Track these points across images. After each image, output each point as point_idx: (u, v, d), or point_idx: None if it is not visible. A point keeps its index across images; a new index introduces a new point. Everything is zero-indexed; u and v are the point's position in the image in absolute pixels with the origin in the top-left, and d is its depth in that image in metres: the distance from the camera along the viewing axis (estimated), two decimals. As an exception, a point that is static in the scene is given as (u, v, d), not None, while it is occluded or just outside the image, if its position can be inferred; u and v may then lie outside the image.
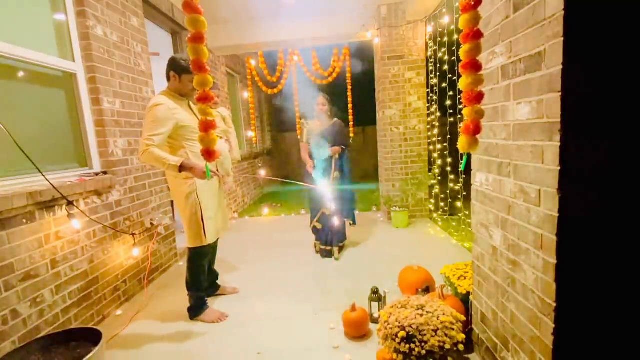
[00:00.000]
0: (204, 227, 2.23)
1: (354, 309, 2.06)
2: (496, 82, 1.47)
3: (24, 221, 1.87)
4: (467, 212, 3.50)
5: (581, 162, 1.09)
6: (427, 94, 4.44)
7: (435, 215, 4.50)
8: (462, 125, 1.31)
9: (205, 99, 1.52)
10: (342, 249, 3.54)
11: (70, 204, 2.11)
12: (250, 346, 2.05)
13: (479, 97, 1.26)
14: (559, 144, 1.09)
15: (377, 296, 2.18)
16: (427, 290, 2.16)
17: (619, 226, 1.12)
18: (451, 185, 4.02)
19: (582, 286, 1.14)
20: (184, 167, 2.02)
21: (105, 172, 2.56)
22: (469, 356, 1.82)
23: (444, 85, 3.89)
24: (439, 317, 1.62)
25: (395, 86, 4.46)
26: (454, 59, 3.54)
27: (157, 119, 2.04)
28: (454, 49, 3.52)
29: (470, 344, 1.84)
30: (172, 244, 3.45)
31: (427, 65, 4.38)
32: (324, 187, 3.16)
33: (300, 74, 6.34)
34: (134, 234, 2.77)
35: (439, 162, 4.26)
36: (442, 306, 1.71)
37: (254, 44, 5.04)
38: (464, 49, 1.26)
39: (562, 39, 1.05)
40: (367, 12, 4.46)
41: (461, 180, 3.54)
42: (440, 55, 3.95)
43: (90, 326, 2.03)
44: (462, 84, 1.29)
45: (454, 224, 4.04)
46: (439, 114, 4.25)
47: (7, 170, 1.96)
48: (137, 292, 2.83)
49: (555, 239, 1.13)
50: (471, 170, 1.77)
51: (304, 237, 3.93)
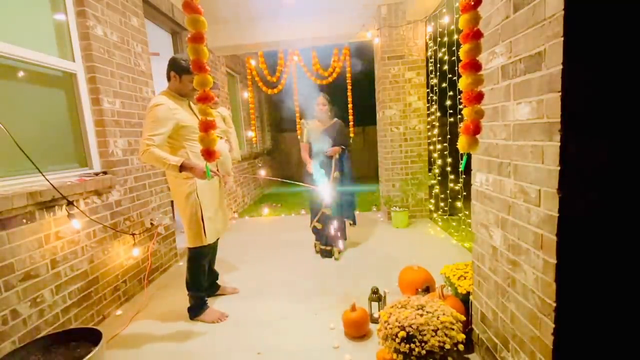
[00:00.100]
0: (204, 227, 2.23)
1: (354, 309, 2.06)
2: (496, 82, 1.47)
3: (24, 221, 1.87)
4: (467, 212, 3.50)
5: (581, 162, 1.09)
6: (427, 94, 4.44)
7: (435, 215, 4.50)
8: (462, 125, 1.31)
9: (205, 99, 1.53)
10: (342, 249, 3.54)
11: (70, 204, 2.11)
12: (250, 346, 2.05)
13: (479, 97, 1.26)
14: (559, 144, 1.09)
15: (377, 296, 2.18)
16: (427, 290, 2.16)
17: (619, 226, 1.12)
18: (451, 185, 4.02)
19: (582, 286, 1.15)
20: (184, 167, 2.02)
21: (105, 172, 2.56)
22: (469, 356, 1.82)
23: (444, 85, 3.89)
24: (439, 317, 1.62)
25: (395, 86, 4.46)
26: (454, 59, 3.54)
27: (158, 119, 2.04)
28: (454, 49, 3.52)
29: (470, 344, 1.84)
30: (172, 244, 3.45)
31: (427, 65, 4.38)
32: (324, 187, 3.16)
33: (300, 74, 6.33)
34: (134, 234, 2.77)
35: (439, 162, 4.26)
36: (442, 306, 1.71)
37: (254, 44, 5.04)
38: (464, 49, 1.26)
39: (562, 39, 1.05)
40: (367, 12, 4.46)
41: (461, 180, 3.54)
42: (440, 55, 3.95)
43: (90, 326, 2.03)
44: (462, 84, 1.29)
45: (454, 224, 4.04)
46: (439, 114, 4.25)
47: (7, 170, 1.96)
48: (137, 292, 2.83)
49: (555, 239, 1.13)
50: (471, 170, 1.77)
51: (304, 237, 3.93)
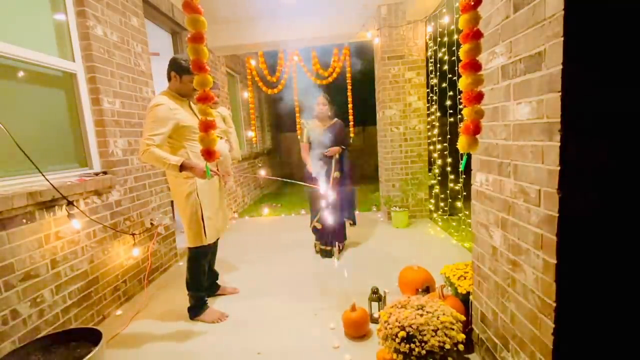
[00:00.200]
0: (204, 226, 2.24)
1: (354, 309, 2.06)
2: (496, 82, 1.47)
3: (24, 221, 1.87)
4: (467, 212, 3.50)
5: (581, 162, 1.09)
6: (427, 94, 4.44)
7: (435, 215, 4.50)
8: (462, 125, 1.31)
9: (205, 99, 1.53)
10: (342, 249, 3.54)
11: (70, 204, 2.11)
12: (250, 346, 2.05)
13: (479, 97, 1.26)
14: (559, 144, 1.09)
15: (377, 296, 2.18)
16: (427, 290, 2.16)
17: (619, 226, 1.12)
18: (451, 185, 4.02)
19: (582, 286, 1.15)
20: (184, 167, 2.02)
21: (105, 172, 2.56)
22: (469, 356, 1.82)
23: (444, 85, 3.89)
24: (439, 317, 1.62)
25: (395, 86, 4.46)
26: (454, 59, 3.54)
27: (158, 118, 2.04)
28: (454, 49, 3.52)
29: (470, 344, 1.84)
30: (172, 244, 3.45)
31: (427, 65, 4.38)
32: (324, 187, 3.17)
33: (300, 74, 6.33)
34: (134, 234, 2.77)
35: (439, 162, 4.26)
36: (442, 306, 1.71)
37: (254, 44, 5.04)
38: (464, 49, 1.26)
39: (562, 39, 1.05)
40: (367, 12, 4.46)
41: (461, 180, 3.54)
42: (440, 55, 3.95)
43: (90, 326, 2.03)
44: (462, 84, 1.29)
45: (454, 224, 4.04)
46: (439, 114, 4.25)
47: (7, 170, 1.96)
48: (137, 292, 2.83)
49: (555, 239, 1.13)
50: (471, 170, 1.77)
51: (304, 237, 3.93)
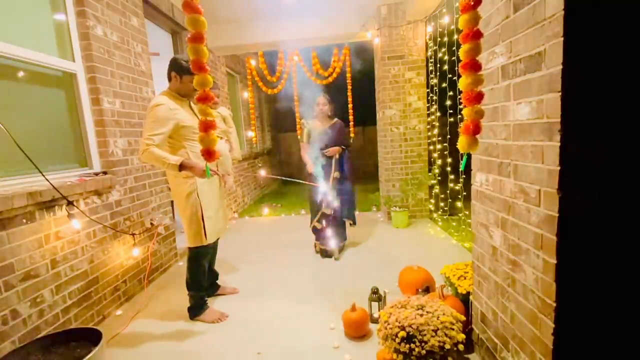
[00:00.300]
0: (204, 226, 2.24)
1: (354, 309, 2.06)
2: (496, 82, 1.47)
3: (24, 221, 1.87)
4: (467, 212, 3.50)
5: (581, 162, 1.09)
6: (427, 94, 4.44)
7: (435, 215, 4.50)
8: (462, 125, 1.31)
9: (205, 99, 1.53)
10: (342, 249, 3.54)
11: (70, 204, 2.11)
12: (250, 346, 2.05)
13: (478, 97, 1.27)
14: (559, 144, 1.09)
15: (377, 296, 2.18)
16: (427, 290, 2.16)
17: (619, 226, 1.12)
18: (451, 185, 4.02)
19: (582, 286, 1.15)
20: (183, 166, 2.02)
21: (105, 172, 2.56)
22: (469, 356, 1.82)
23: (444, 85, 3.89)
24: (439, 317, 1.62)
25: (395, 86, 4.46)
26: (454, 59, 3.54)
27: (158, 118, 2.05)
28: (454, 49, 3.52)
29: (470, 344, 1.84)
30: (172, 244, 3.45)
31: (427, 65, 4.38)
32: (324, 187, 3.17)
33: (300, 74, 6.33)
34: (134, 234, 2.77)
35: (439, 162, 4.26)
36: (442, 306, 1.71)
37: (254, 44, 5.04)
38: (464, 49, 1.26)
39: (562, 39, 1.05)
40: (367, 12, 4.46)
41: (461, 180, 3.54)
42: (440, 55, 3.95)
43: (90, 326, 2.03)
44: (462, 84, 1.29)
45: (454, 224, 4.04)
46: (439, 114, 4.26)
47: (7, 170, 1.96)
48: (137, 292, 2.83)
49: (555, 239, 1.13)
50: (471, 170, 1.77)
51: (304, 237, 3.93)
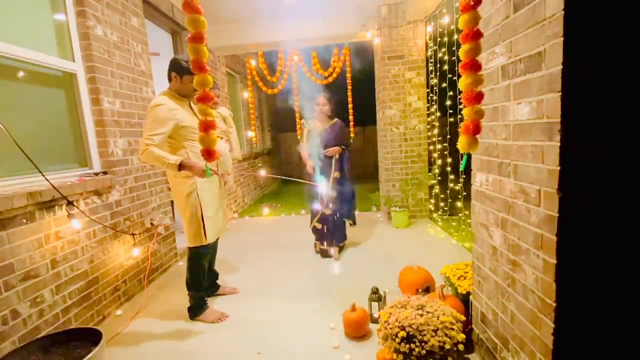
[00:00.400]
0: (204, 226, 2.24)
1: (354, 309, 2.06)
2: (496, 82, 1.47)
3: (24, 221, 1.87)
4: (467, 212, 3.50)
5: (581, 162, 1.09)
6: (427, 94, 4.44)
7: (435, 215, 4.49)
8: (462, 125, 1.31)
9: (205, 99, 1.53)
10: (342, 249, 3.54)
11: (70, 204, 2.11)
12: (250, 346, 2.05)
13: (478, 97, 1.26)
14: (559, 144, 1.09)
15: (377, 296, 2.18)
16: (427, 290, 2.16)
17: (619, 226, 1.12)
18: (451, 185, 4.02)
19: (582, 286, 1.15)
20: (183, 166, 2.02)
21: (105, 172, 2.56)
22: (469, 356, 1.82)
23: (444, 85, 3.89)
24: (439, 317, 1.62)
25: (395, 86, 4.46)
26: (454, 59, 3.54)
27: (158, 119, 2.05)
28: (454, 49, 3.52)
29: (470, 344, 1.84)
30: (172, 244, 3.45)
31: (427, 65, 4.38)
32: (324, 187, 3.17)
33: (300, 74, 6.33)
34: (134, 234, 2.77)
35: (439, 162, 4.26)
36: (442, 306, 1.71)
37: (254, 44, 5.04)
38: (464, 49, 1.26)
39: (562, 39, 1.05)
40: (367, 12, 4.46)
41: (461, 180, 3.54)
42: (440, 55, 3.95)
43: (90, 326, 2.03)
44: (462, 84, 1.29)
45: (454, 224, 4.04)
46: (439, 114, 4.25)
47: (7, 170, 1.96)
48: (137, 292, 2.83)
49: (555, 239, 1.13)
50: (471, 170, 1.77)
51: (304, 237, 3.93)
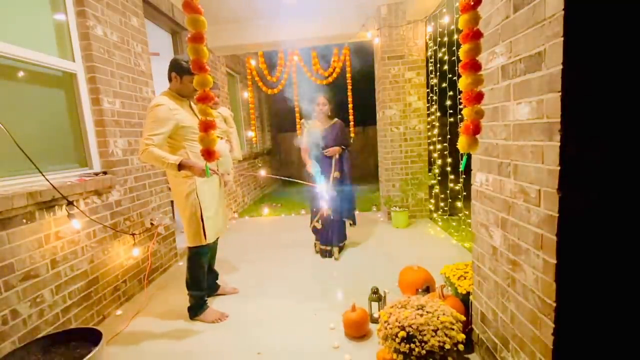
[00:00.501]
0: (204, 226, 2.24)
1: (354, 309, 2.06)
2: (496, 82, 1.47)
3: (24, 221, 1.87)
4: (467, 212, 3.50)
5: (581, 162, 1.09)
6: (427, 94, 4.44)
7: (435, 215, 4.49)
8: (462, 125, 1.31)
9: (205, 99, 1.53)
10: (342, 249, 3.54)
11: (70, 204, 2.11)
12: (250, 346, 2.05)
13: (478, 97, 1.26)
14: (559, 144, 1.09)
15: (377, 296, 2.18)
16: (427, 290, 2.16)
17: (619, 226, 1.12)
18: (451, 185, 4.01)
19: (582, 286, 1.15)
20: (182, 166, 2.02)
21: (105, 172, 2.56)
22: (469, 356, 1.82)
23: (444, 85, 3.89)
24: (439, 317, 1.62)
25: (395, 86, 4.46)
26: (454, 59, 3.54)
27: (158, 119, 2.05)
28: (454, 49, 3.52)
29: (470, 344, 1.84)
30: (172, 244, 3.45)
31: (427, 65, 4.38)
32: (324, 187, 3.16)
33: (300, 74, 6.32)
34: (134, 234, 2.77)
35: (439, 162, 4.26)
36: (442, 306, 1.71)
37: (254, 44, 5.04)
38: (464, 49, 1.26)
39: (562, 39, 1.05)
40: (367, 12, 4.46)
41: (461, 180, 3.54)
42: (440, 55, 3.95)
43: (90, 326, 2.03)
44: (462, 84, 1.29)
45: (454, 224, 4.04)
46: (439, 114, 4.25)
47: (7, 170, 1.96)
48: (137, 292, 2.83)
49: (555, 239, 1.13)
50: (471, 170, 1.77)
51: (304, 237, 3.93)
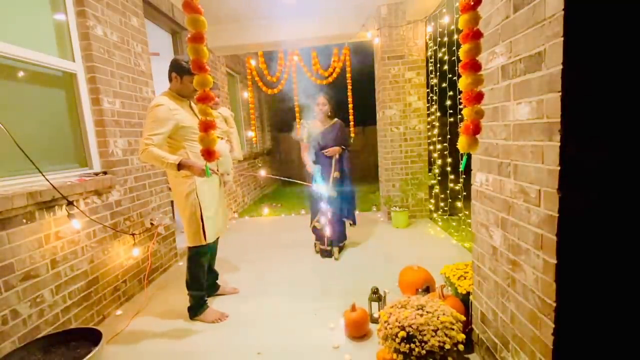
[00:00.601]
0: (204, 226, 2.24)
1: (354, 309, 2.06)
2: (496, 82, 1.47)
3: (24, 221, 1.87)
4: (467, 212, 3.50)
5: (581, 162, 1.09)
6: (427, 94, 4.44)
7: (435, 215, 4.49)
8: (462, 125, 1.31)
9: (205, 99, 1.53)
10: (342, 249, 3.54)
11: (70, 204, 2.11)
12: (250, 346, 2.05)
13: (478, 97, 1.26)
14: (559, 144, 1.09)
15: (377, 296, 2.18)
16: (427, 290, 2.16)
17: (619, 226, 1.12)
18: (451, 185, 4.01)
19: (582, 286, 1.15)
20: (182, 165, 2.02)
21: (105, 172, 2.56)
22: (469, 356, 1.82)
23: (444, 85, 3.89)
24: (439, 317, 1.62)
25: (395, 86, 4.46)
26: (454, 59, 3.54)
27: (158, 119, 2.05)
28: (454, 49, 3.51)
29: (470, 344, 1.84)
30: (172, 244, 3.45)
31: (427, 65, 4.38)
32: (324, 187, 3.17)
33: (300, 74, 6.33)
34: (134, 234, 2.77)
35: (439, 162, 4.26)
36: (442, 306, 1.71)
37: (254, 44, 5.04)
38: (464, 49, 1.26)
39: (562, 39, 1.05)
40: (367, 12, 4.46)
41: (461, 180, 3.54)
42: (440, 55, 3.95)
43: (90, 326, 2.03)
44: (462, 84, 1.29)
45: (454, 224, 4.04)
46: (439, 114, 4.25)
47: (7, 170, 1.96)
48: (137, 292, 2.83)
49: (555, 239, 1.13)
50: (471, 170, 1.77)
51: (304, 237, 3.93)
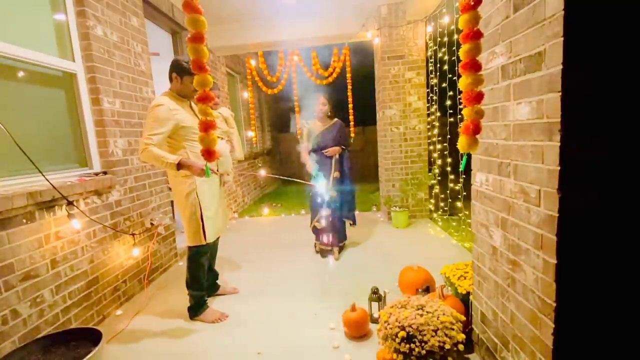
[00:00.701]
0: (204, 226, 2.24)
1: (354, 309, 2.06)
2: (496, 82, 1.47)
3: (24, 221, 1.87)
4: (467, 212, 3.50)
5: (581, 162, 1.09)
6: (427, 94, 4.44)
7: (435, 215, 4.50)
8: (462, 125, 1.31)
9: (205, 99, 1.53)
10: (342, 249, 3.54)
11: (70, 204, 2.11)
12: (250, 346, 2.05)
13: (478, 97, 1.26)
14: (559, 144, 1.09)
15: (377, 296, 2.18)
16: (427, 290, 2.16)
17: (619, 226, 1.12)
18: (451, 185, 4.01)
19: (582, 286, 1.14)
20: (182, 165, 2.03)
21: (105, 172, 2.56)
22: (469, 356, 1.82)
23: (444, 85, 3.89)
24: (439, 317, 1.62)
25: (395, 86, 4.46)
26: (454, 59, 3.54)
27: (158, 119, 2.06)
28: (454, 49, 3.52)
29: (470, 344, 1.84)
30: (172, 244, 3.45)
31: (427, 65, 4.38)
32: (324, 187, 3.17)
33: (300, 74, 6.33)
34: (134, 234, 2.77)
35: (439, 162, 4.26)
36: (442, 306, 1.71)
37: (254, 44, 5.04)
38: (464, 49, 1.26)
39: (562, 39, 1.05)
40: (367, 12, 4.46)
41: (461, 180, 3.54)
42: (440, 55, 3.95)
43: (90, 326, 2.03)
44: (462, 84, 1.29)
45: (454, 224, 4.04)
46: (439, 114, 4.25)
47: (7, 170, 1.96)
48: (137, 292, 2.83)
49: (555, 239, 1.13)
50: (471, 170, 1.77)
51: (304, 237, 3.93)
